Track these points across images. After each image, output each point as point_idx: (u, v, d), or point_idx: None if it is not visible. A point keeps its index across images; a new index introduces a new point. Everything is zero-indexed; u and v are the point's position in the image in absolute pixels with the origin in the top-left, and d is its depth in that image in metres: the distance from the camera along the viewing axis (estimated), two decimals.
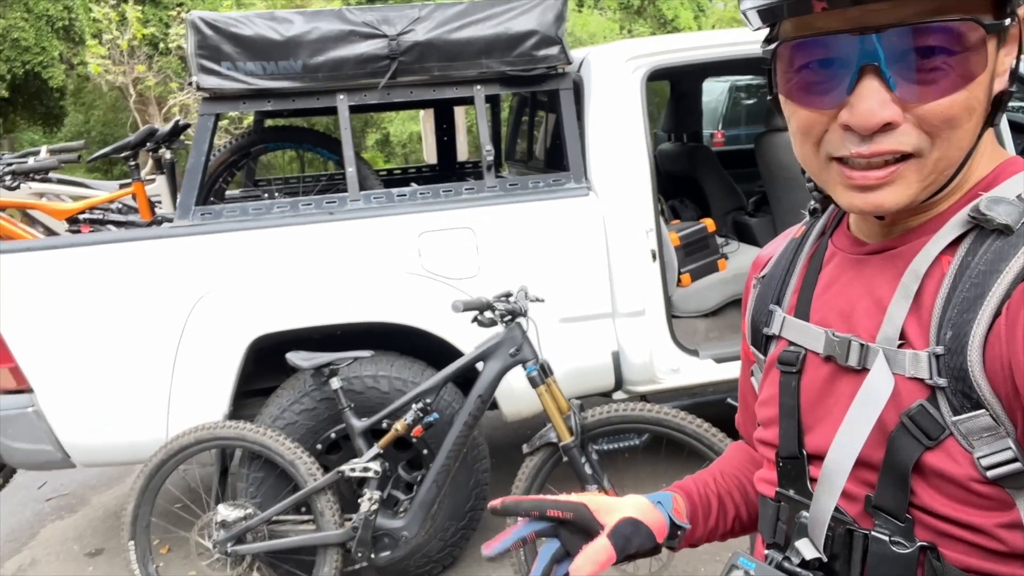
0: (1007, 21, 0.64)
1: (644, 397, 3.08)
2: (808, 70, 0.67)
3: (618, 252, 2.92)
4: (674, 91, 4.37)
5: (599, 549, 0.79)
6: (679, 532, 0.85)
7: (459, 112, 4.35)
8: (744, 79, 7.83)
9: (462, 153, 4.39)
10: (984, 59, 0.63)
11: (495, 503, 0.85)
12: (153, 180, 3.47)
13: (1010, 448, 0.62)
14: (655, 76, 3.07)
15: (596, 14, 14.78)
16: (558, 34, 2.86)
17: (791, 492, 0.77)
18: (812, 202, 0.86)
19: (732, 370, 3.08)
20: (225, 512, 2.54)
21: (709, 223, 3.40)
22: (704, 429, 2.35)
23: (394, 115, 13.02)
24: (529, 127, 4.05)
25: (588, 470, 2.34)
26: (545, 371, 2.39)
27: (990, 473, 0.63)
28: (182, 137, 3.49)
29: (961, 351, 0.63)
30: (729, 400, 3.12)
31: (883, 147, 0.64)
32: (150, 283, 2.63)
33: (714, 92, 7.88)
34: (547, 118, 3.76)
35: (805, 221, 0.87)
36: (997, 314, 0.62)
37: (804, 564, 0.72)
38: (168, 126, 3.35)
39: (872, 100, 0.63)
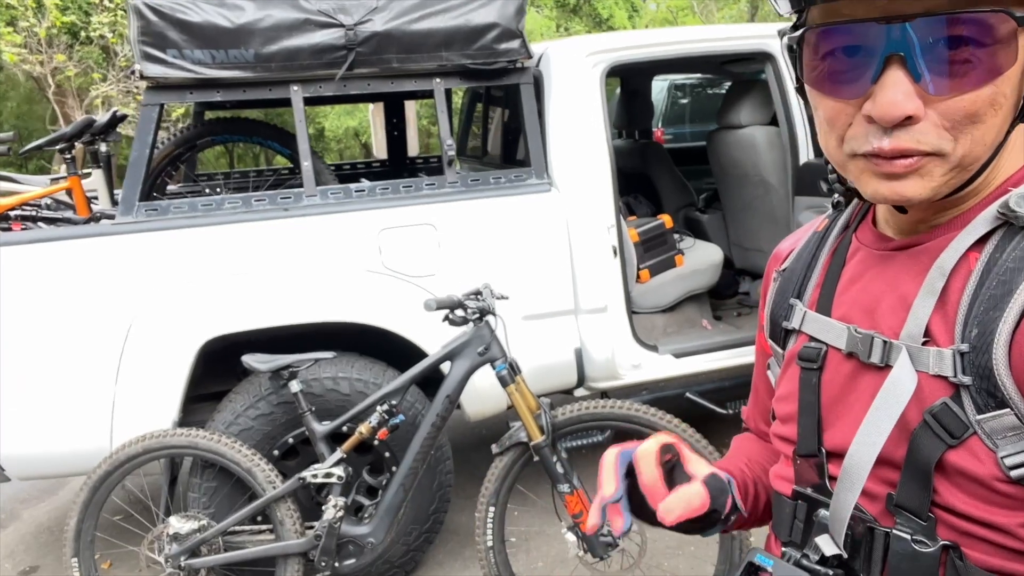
0: None
1: (604, 393, 3.07)
2: (833, 58, 0.65)
3: (580, 248, 2.91)
4: (625, 88, 4.39)
5: (694, 494, 0.72)
6: (734, 514, 0.80)
7: (410, 106, 4.26)
8: (681, 79, 7.96)
9: (412, 148, 4.30)
10: (1014, 53, 0.62)
11: (605, 497, 0.77)
12: (88, 174, 3.27)
13: None
14: (610, 73, 3.06)
15: (532, 11, 14.81)
16: (519, 27, 2.82)
17: (809, 490, 0.75)
18: (835, 195, 0.85)
19: (690, 365, 3.11)
20: (178, 524, 2.41)
21: (667, 219, 3.43)
22: (674, 425, 2.36)
23: (328, 109, 12.75)
24: (483, 123, 4.00)
25: (560, 469, 2.31)
26: (514, 369, 2.35)
27: (1014, 473, 0.62)
28: (118, 129, 3.30)
29: (987, 349, 0.62)
30: (688, 394, 3.14)
31: (902, 144, 0.63)
32: (91, 283, 2.48)
33: (653, 91, 7.97)
34: (502, 113, 3.72)
35: (828, 214, 0.86)
36: None
37: (823, 561, 0.71)
38: (105, 117, 3.15)
39: (897, 91, 0.61)
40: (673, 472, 0.76)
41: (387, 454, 2.64)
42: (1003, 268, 0.63)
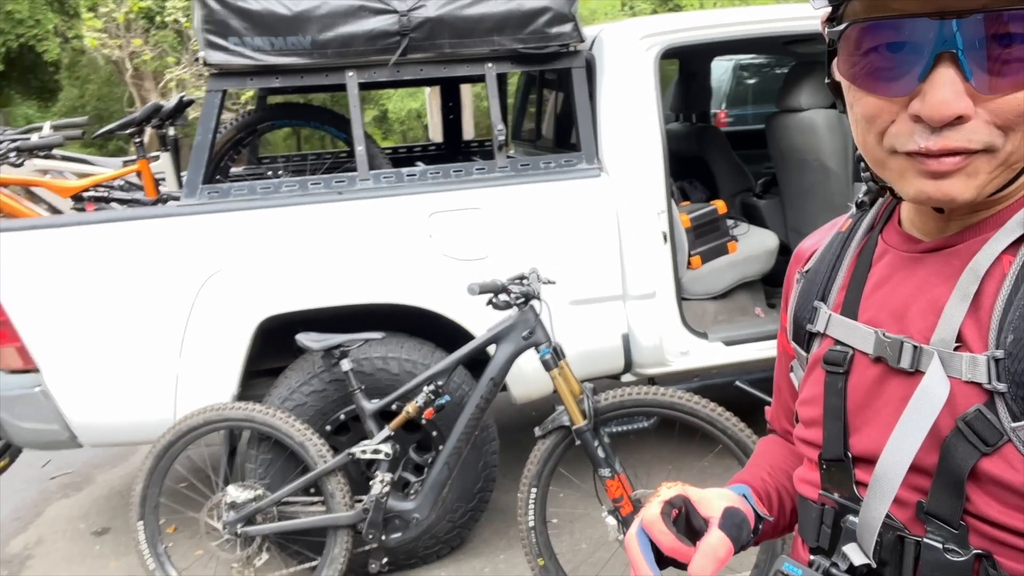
0: None
1: (652, 380, 3.07)
2: (877, 54, 0.63)
3: (629, 234, 2.90)
4: (683, 70, 4.31)
5: (717, 544, 0.73)
6: (760, 525, 0.82)
7: (466, 90, 4.29)
8: (748, 59, 7.76)
9: (468, 132, 4.34)
10: None
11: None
12: (157, 157, 3.42)
13: None
14: (667, 55, 3.02)
15: None
16: (571, 11, 2.81)
17: (835, 495, 0.74)
18: (859, 194, 0.83)
19: (741, 353, 3.07)
20: (235, 493, 2.53)
21: (720, 205, 3.37)
22: (718, 413, 2.34)
23: (392, 92, 12.91)
24: (537, 106, 4.00)
25: (601, 453, 2.33)
26: (558, 354, 2.37)
27: None
28: (186, 113, 3.43)
29: (1023, 356, 0.61)
30: (738, 383, 3.11)
31: (952, 143, 0.61)
32: (158, 262, 2.60)
33: (718, 72, 7.81)
34: (556, 97, 3.71)
35: (851, 214, 0.84)
36: None
37: (852, 570, 0.70)
38: (172, 102, 3.29)
39: (948, 90, 0.60)
40: (689, 520, 0.76)
41: (435, 433, 2.70)
42: None
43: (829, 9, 0.69)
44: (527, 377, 2.79)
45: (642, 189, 2.90)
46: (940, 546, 0.65)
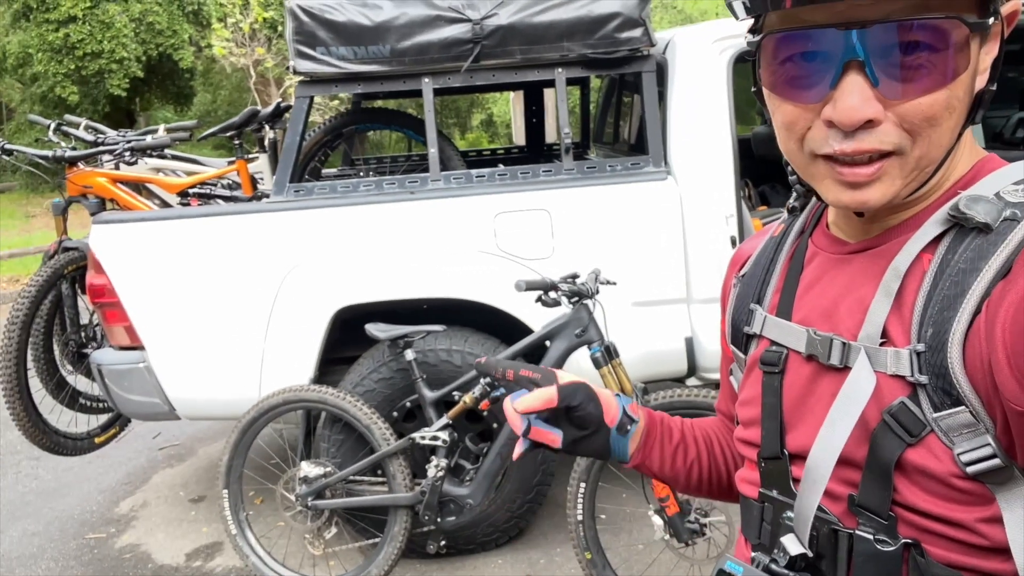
0: (990, 20, 0.64)
1: (718, 385, 3.05)
2: (792, 63, 0.67)
3: (695, 237, 2.90)
4: None
5: (545, 390, 0.83)
6: (630, 426, 0.89)
7: (548, 94, 4.38)
8: None
9: (551, 135, 4.42)
10: (967, 57, 0.63)
11: (479, 359, 0.92)
12: (256, 158, 3.71)
13: (989, 444, 0.63)
14: (745, 58, 3.00)
15: None
16: (642, 16, 2.85)
17: (774, 492, 0.77)
18: (791, 200, 0.85)
19: None
20: (307, 469, 2.73)
21: None
22: None
23: (499, 96, 13.16)
24: (617, 109, 4.04)
25: None
26: (610, 353, 2.42)
27: (970, 469, 0.63)
28: (285, 117, 3.70)
29: (942, 348, 0.63)
30: None
31: (865, 145, 0.65)
32: (249, 254, 2.84)
33: None
34: (635, 100, 3.74)
35: (783, 219, 0.87)
36: (977, 312, 0.63)
37: (791, 565, 0.73)
38: (270, 107, 3.56)
39: (855, 96, 0.63)
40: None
41: (493, 424, 2.81)
42: (955, 269, 0.65)
43: (751, 21, 0.73)
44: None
45: (710, 193, 2.90)
46: (871, 537, 0.68)
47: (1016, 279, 0.60)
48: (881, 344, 0.68)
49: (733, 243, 2.92)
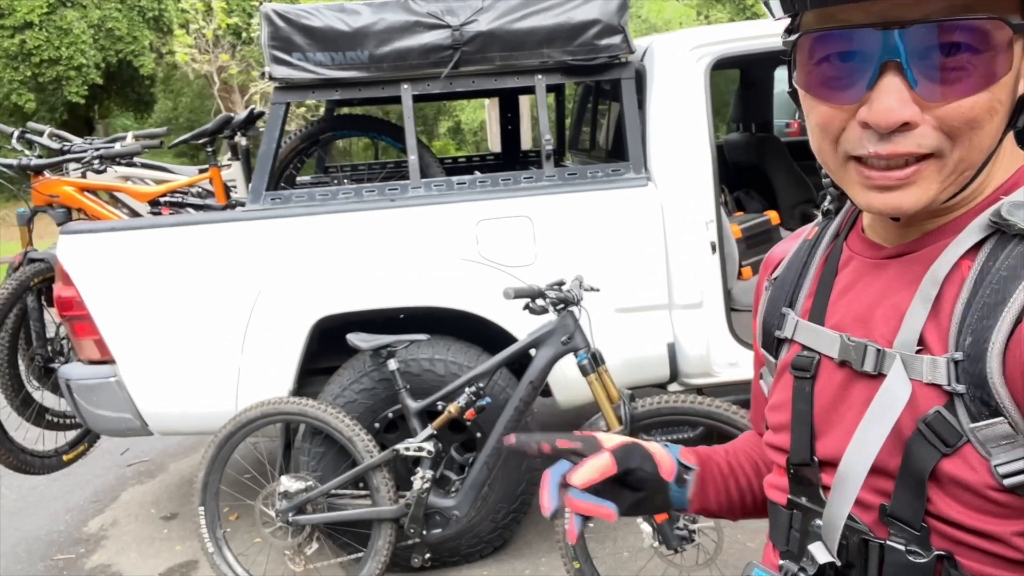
0: None
1: (700, 390, 3.06)
2: (828, 63, 0.65)
3: (676, 243, 2.91)
4: (744, 80, 4.29)
5: (600, 459, 0.80)
6: (687, 475, 0.86)
7: (524, 101, 4.37)
8: None
9: (526, 142, 4.42)
10: (1009, 60, 0.62)
11: (509, 438, 0.86)
12: (229, 166, 3.63)
13: None
14: (721, 65, 3.02)
15: (673, 0, 14.51)
16: (621, 23, 2.86)
17: (803, 499, 0.76)
18: (825, 202, 0.84)
19: None
20: (287, 483, 2.67)
21: (773, 216, 3.35)
22: None
23: (465, 103, 13.14)
24: (593, 116, 4.05)
25: None
26: (596, 360, 2.41)
27: (1007, 481, 0.62)
28: (258, 124, 3.63)
29: (980, 357, 0.62)
30: None
31: (901, 148, 0.63)
32: (223, 263, 2.77)
33: (782, 82, 7.65)
34: (611, 107, 3.75)
35: (818, 222, 0.86)
36: (1018, 321, 0.61)
37: (820, 573, 0.71)
38: (243, 114, 3.49)
39: (892, 98, 0.62)
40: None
41: (478, 434, 2.78)
42: (996, 277, 0.63)
43: (788, 20, 0.71)
44: (571, 383, 2.83)
45: (690, 199, 2.91)
46: (903, 548, 0.66)
47: None
48: (917, 352, 0.66)
49: (713, 248, 2.94)
